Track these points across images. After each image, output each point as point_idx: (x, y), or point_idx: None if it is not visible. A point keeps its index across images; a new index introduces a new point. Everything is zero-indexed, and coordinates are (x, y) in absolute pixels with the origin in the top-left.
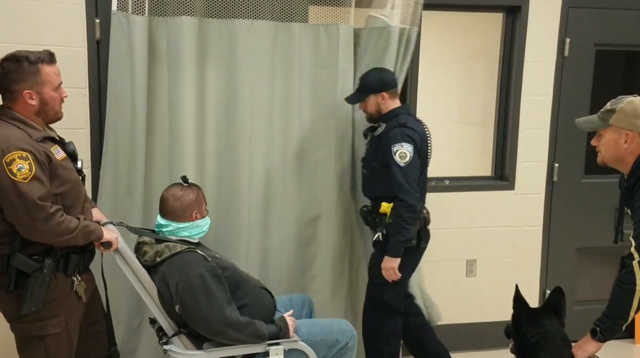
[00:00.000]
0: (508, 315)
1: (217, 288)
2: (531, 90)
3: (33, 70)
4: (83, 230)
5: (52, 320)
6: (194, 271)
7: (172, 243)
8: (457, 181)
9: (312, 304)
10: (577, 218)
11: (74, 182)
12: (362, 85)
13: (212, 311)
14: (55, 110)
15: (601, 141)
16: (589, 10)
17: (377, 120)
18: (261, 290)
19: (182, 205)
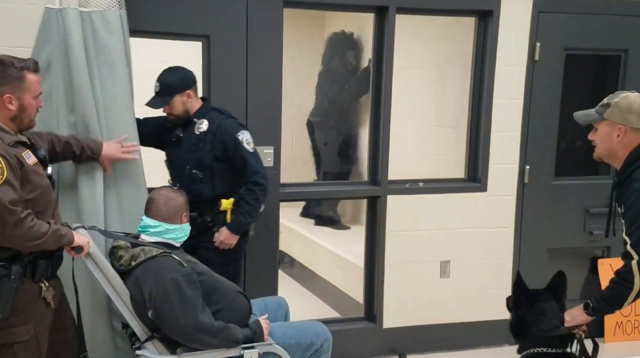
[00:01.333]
0: (479, 315)
1: (191, 293)
2: (503, 93)
3: (18, 75)
4: (54, 235)
5: (20, 327)
6: (168, 276)
7: (147, 248)
8: (431, 183)
9: (287, 307)
10: (547, 219)
11: (45, 187)
12: (163, 87)
13: (187, 317)
14: (30, 117)
15: (597, 134)
16: (558, 15)
17: (185, 120)
18: (237, 295)
19: (174, 207)
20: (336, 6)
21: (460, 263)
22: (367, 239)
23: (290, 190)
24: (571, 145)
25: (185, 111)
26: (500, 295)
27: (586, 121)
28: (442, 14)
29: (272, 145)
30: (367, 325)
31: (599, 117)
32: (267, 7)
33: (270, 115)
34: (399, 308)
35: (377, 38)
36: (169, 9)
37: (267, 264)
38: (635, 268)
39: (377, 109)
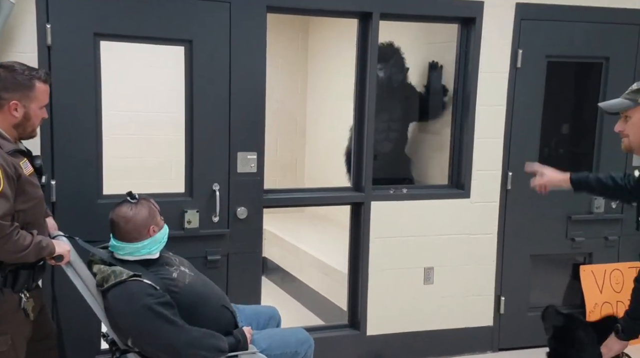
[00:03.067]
0: (463, 322)
1: (169, 313)
2: (485, 100)
3: (28, 84)
4: (36, 247)
5: None
6: (139, 304)
7: (119, 270)
8: (415, 189)
9: (279, 317)
10: (530, 225)
11: (39, 198)
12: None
13: (175, 336)
14: (33, 127)
15: (628, 123)
16: (540, 23)
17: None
18: (222, 309)
19: (136, 226)
20: (320, 12)
21: (444, 270)
22: (350, 245)
23: (274, 196)
24: (554, 152)
25: None
26: (484, 302)
27: (617, 110)
28: (425, 21)
29: (255, 151)
30: (351, 332)
31: (633, 104)
32: (250, 12)
33: (253, 121)
34: (383, 315)
35: (360, 43)
36: (151, 13)
37: (251, 271)
38: None
39: (361, 115)
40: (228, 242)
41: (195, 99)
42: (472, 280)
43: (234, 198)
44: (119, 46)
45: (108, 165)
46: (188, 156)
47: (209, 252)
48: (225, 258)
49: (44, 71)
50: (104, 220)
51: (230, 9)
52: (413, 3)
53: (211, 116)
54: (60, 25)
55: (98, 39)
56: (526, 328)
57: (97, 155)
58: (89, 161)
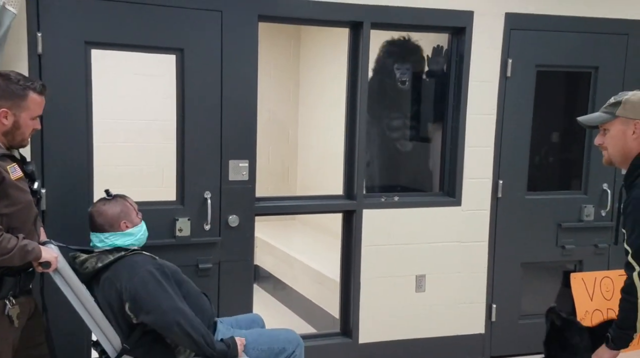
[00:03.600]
0: (455, 329)
1: (167, 282)
2: (476, 108)
3: (20, 93)
4: (21, 250)
5: None
6: (142, 268)
7: (115, 251)
8: (406, 197)
9: (262, 322)
10: (521, 233)
11: (25, 203)
12: None
13: (166, 300)
14: (23, 136)
15: (607, 136)
16: (530, 32)
17: None
18: (200, 295)
19: (107, 219)
20: (311, 21)
21: (435, 278)
22: (342, 253)
23: (265, 204)
24: (544, 160)
25: None
26: (475, 309)
27: (595, 123)
28: (415, 30)
29: (247, 159)
30: (343, 340)
31: (611, 117)
32: (242, 21)
33: (245, 129)
34: (375, 323)
35: (351, 52)
36: (142, 21)
37: (242, 279)
38: (636, 279)
39: (353, 122)
40: (219, 250)
41: (186, 107)
42: (463, 288)
43: (226, 206)
44: (111, 54)
45: (99, 173)
46: (179, 164)
47: (200, 260)
48: (216, 266)
49: (40, 83)
50: None
51: (222, 17)
52: (404, 13)
53: (203, 124)
54: (51, 34)
55: (89, 47)
56: (517, 335)
57: (88, 162)
58: (80, 169)
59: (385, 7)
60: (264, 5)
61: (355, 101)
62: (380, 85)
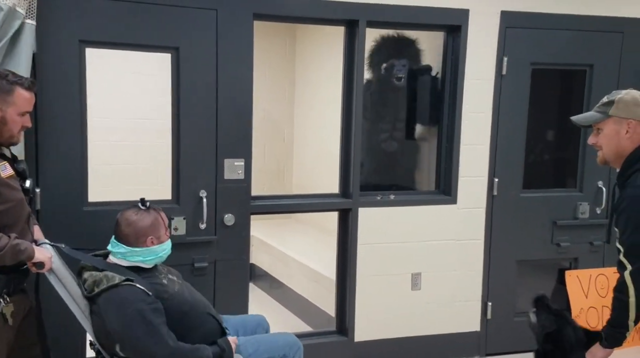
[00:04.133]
0: (451, 327)
1: (158, 321)
2: (471, 106)
3: (7, 88)
4: (12, 249)
5: None
6: (131, 307)
7: (110, 274)
8: (402, 195)
9: (267, 324)
10: (516, 231)
11: (16, 201)
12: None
13: (159, 346)
14: (11, 133)
15: (600, 135)
16: (525, 30)
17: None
18: (207, 317)
19: (135, 231)
20: (307, 19)
21: (431, 276)
22: (338, 251)
23: (261, 202)
24: (539, 158)
25: None
26: (471, 307)
27: (588, 122)
28: (411, 28)
29: (243, 158)
30: (339, 338)
31: (604, 116)
32: (237, 19)
33: (240, 127)
34: (371, 321)
35: (347, 51)
36: (137, 20)
37: (238, 278)
38: (628, 278)
39: (348, 120)
40: (215, 249)
41: (182, 106)
42: (459, 286)
43: (221, 205)
44: (105, 53)
45: (94, 172)
46: (175, 163)
47: (196, 259)
48: (212, 265)
49: (30, 79)
50: (90, 227)
51: (217, 16)
52: (399, 11)
53: (198, 123)
54: (46, 32)
55: (83, 45)
56: (513, 333)
57: (82, 162)
58: (74, 168)
59: (381, 5)
60: (259, 3)
61: (350, 100)
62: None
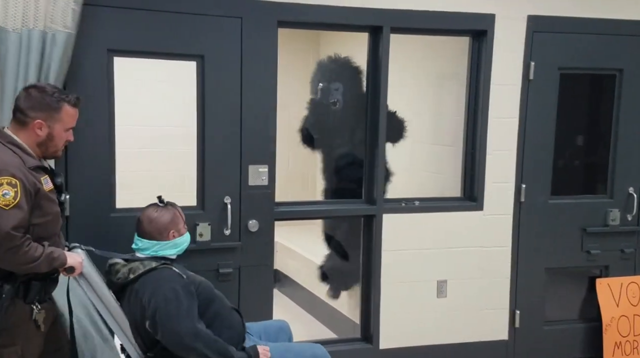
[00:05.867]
0: (477, 336)
1: (189, 303)
2: (498, 112)
3: (54, 105)
4: (47, 258)
5: (8, 348)
6: (167, 285)
7: (147, 261)
8: (427, 202)
9: (289, 331)
10: (545, 238)
11: (54, 214)
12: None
13: (184, 324)
14: (57, 147)
15: None
16: (553, 35)
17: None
18: (231, 311)
19: (157, 227)
20: (331, 26)
21: (457, 283)
22: (363, 258)
23: (285, 209)
24: (568, 164)
25: None
26: (499, 315)
27: None
28: (436, 34)
29: (267, 164)
30: (364, 345)
31: None
32: (261, 27)
33: (264, 134)
34: (396, 328)
35: (371, 57)
36: (163, 29)
37: (262, 284)
38: None
39: (374, 128)
40: (240, 255)
41: (207, 113)
42: (486, 294)
43: (246, 211)
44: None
45: (120, 179)
46: (200, 169)
47: (221, 265)
48: (237, 271)
49: (75, 96)
50: (117, 233)
51: (242, 24)
52: (424, 16)
53: (223, 130)
54: (76, 42)
55: (112, 54)
56: (542, 342)
57: (110, 169)
58: (103, 175)
59: (405, 12)
60: (283, 11)
61: (375, 105)
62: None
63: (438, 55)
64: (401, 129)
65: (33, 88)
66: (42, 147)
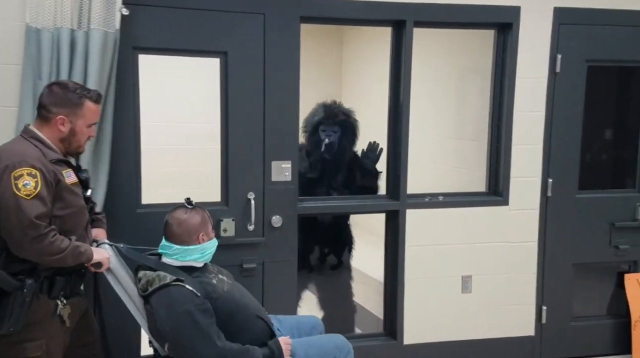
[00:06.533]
0: (503, 331)
1: (206, 322)
2: (524, 105)
3: (76, 101)
4: (73, 251)
5: (32, 342)
6: (181, 308)
7: (163, 274)
8: (451, 197)
9: (322, 327)
10: (572, 233)
11: (78, 207)
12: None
13: (206, 347)
14: (79, 143)
15: None
16: (580, 27)
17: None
18: (257, 320)
19: (187, 229)
20: (354, 21)
21: (482, 278)
22: (386, 254)
23: (308, 204)
24: (596, 158)
25: None
26: (525, 311)
27: None
28: (460, 27)
29: (290, 160)
30: (387, 341)
31: None
32: (284, 23)
33: (287, 130)
34: (420, 324)
35: (394, 51)
36: (186, 26)
37: (286, 279)
38: None
39: (396, 122)
40: (263, 251)
41: (230, 109)
42: (512, 289)
43: (269, 206)
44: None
45: (145, 176)
46: (223, 165)
47: (245, 260)
48: (260, 266)
49: (96, 92)
50: (143, 228)
51: (265, 20)
52: (448, 10)
53: (246, 126)
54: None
55: (137, 52)
56: (569, 338)
57: (136, 165)
58: (129, 171)
59: (429, 5)
60: (306, 6)
61: (398, 101)
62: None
63: (461, 49)
64: (355, 131)
65: (56, 85)
66: (65, 143)
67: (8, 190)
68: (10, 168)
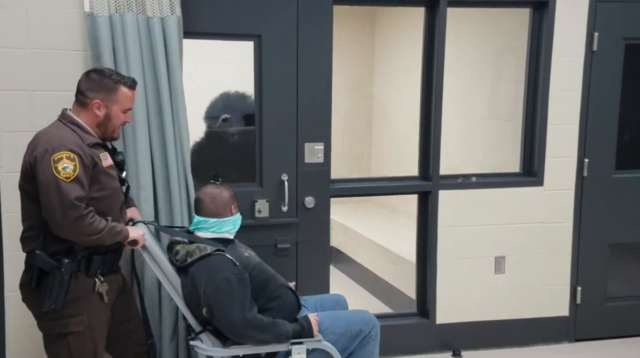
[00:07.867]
0: (536, 312)
1: (242, 291)
2: (559, 85)
3: (112, 87)
4: (110, 231)
5: (74, 318)
6: (221, 275)
7: (202, 245)
8: (485, 178)
9: (346, 304)
10: (608, 213)
11: (113, 189)
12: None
13: (238, 314)
14: (114, 128)
15: None
16: (618, 4)
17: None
18: (286, 290)
19: (222, 202)
20: (386, 1)
21: (515, 259)
22: (418, 234)
23: (340, 185)
24: (634, 137)
25: None
26: (559, 292)
27: None
28: (495, 6)
29: (322, 142)
30: (420, 320)
31: None
32: (317, 5)
33: (320, 112)
34: (453, 304)
35: (427, 31)
36: (221, 10)
37: (319, 260)
38: None
39: (428, 103)
40: (296, 231)
41: (264, 92)
42: (546, 270)
43: (302, 188)
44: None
45: None
46: (258, 147)
47: (279, 241)
48: (294, 246)
49: (131, 78)
50: None
51: (298, 2)
52: None
53: (279, 108)
54: None
55: None
56: (604, 318)
57: None
58: None
59: None
60: None
61: (430, 82)
62: None
63: (495, 28)
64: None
65: (93, 71)
66: (102, 128)
67: (49, 174)
68: (50, 152)
